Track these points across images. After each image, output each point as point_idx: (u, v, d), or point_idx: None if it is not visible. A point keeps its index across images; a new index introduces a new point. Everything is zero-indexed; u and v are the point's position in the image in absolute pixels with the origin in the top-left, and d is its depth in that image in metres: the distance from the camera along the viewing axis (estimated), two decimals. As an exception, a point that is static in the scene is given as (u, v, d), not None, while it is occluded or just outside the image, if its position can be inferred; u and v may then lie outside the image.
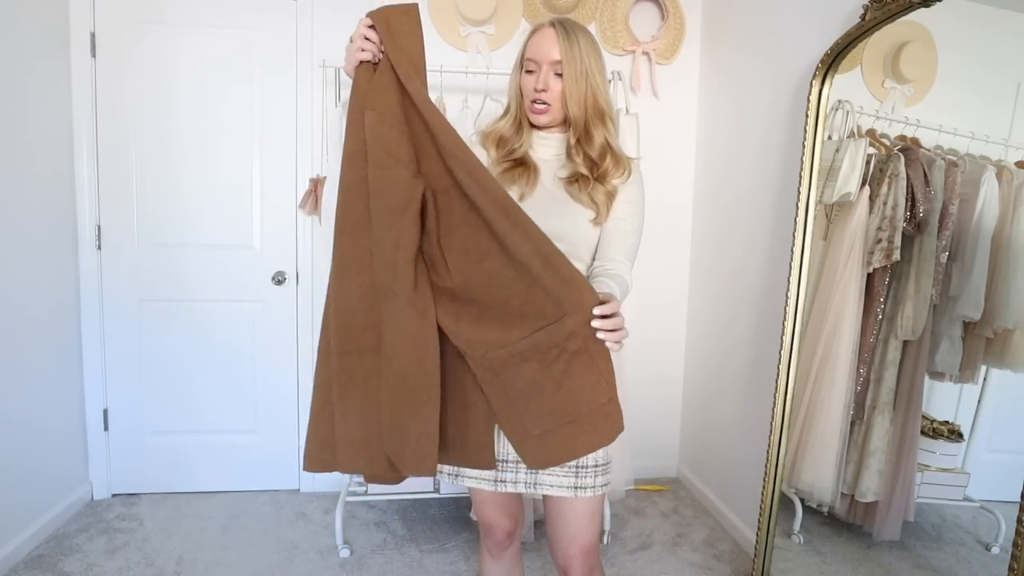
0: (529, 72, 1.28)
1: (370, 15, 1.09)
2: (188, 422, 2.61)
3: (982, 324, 1.59)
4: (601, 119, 1.28)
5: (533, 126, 1.33)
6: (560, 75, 1.25)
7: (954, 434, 1.71)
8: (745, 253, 2.39)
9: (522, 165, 1.30)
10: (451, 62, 2.42)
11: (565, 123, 1.31)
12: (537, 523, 2.29)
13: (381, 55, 1.10)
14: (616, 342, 1.06)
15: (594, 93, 1.26)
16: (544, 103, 1.27)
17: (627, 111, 2.21)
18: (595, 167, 1.28)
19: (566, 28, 1.25)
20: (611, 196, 1.29)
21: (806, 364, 1.90)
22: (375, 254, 1.13)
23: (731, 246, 2.50)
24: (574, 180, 1.28)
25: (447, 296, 1.15)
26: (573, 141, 1.29)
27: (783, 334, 1.91)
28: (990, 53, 1.59)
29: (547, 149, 1.34)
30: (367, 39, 1.10)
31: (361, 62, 1.11)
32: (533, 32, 1.29)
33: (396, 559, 2.19)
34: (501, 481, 1.28)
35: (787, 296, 1.91)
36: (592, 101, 1.26)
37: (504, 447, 1.27)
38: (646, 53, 2.66)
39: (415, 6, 1.09)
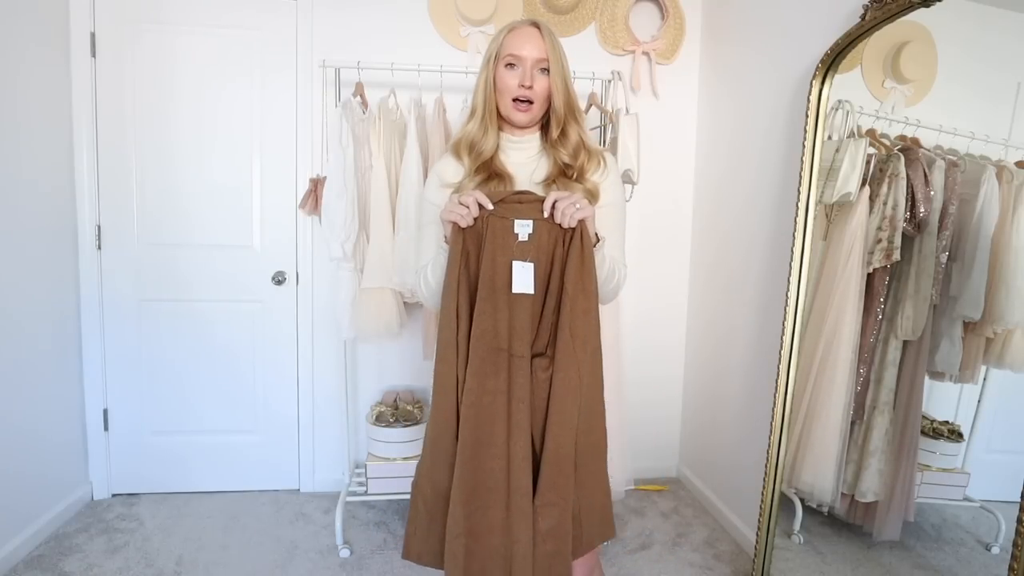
0: (510, 66, 1.27)
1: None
2: (188, 422, 2.62)
3: (982, 324, 1.59)
4: (575, 117, 1.32)
5: (508, 123, 1.33)
6: (545, 71, 1.27)
7: (954, 434, 1.71)
8: (745, 253, 2.38)
9: (497, 176, 1.31)
10: (451, 62, 2.42)
11: (537, 123, 1.34)
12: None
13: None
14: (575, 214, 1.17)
15: (571, 92, 1.31)
16: (528, 100, 1.28)
17: (627, 111, 2.20)
18: (571, 165, 1.31)
19: (547, 29, 1.29)
20: (593, 195, 1.30)
21: (806, 364, 1.90)
22: None
23: (731, 246, 2.50)
24: (551, 182, 1.29)
25: None
26: (556, 134, 1.31)
27: (783, 334, 1.91)
28: (990, 53, 1.59)
29: (520, 152, 1.34)
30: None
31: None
32: (511, 30, 1.29)
33: (396, 559, 2.19)
34: None
35: (787, 296, 1.91)
36: (569, 99, 1.30)
37: None
38: (646, 53, 2.66)
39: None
